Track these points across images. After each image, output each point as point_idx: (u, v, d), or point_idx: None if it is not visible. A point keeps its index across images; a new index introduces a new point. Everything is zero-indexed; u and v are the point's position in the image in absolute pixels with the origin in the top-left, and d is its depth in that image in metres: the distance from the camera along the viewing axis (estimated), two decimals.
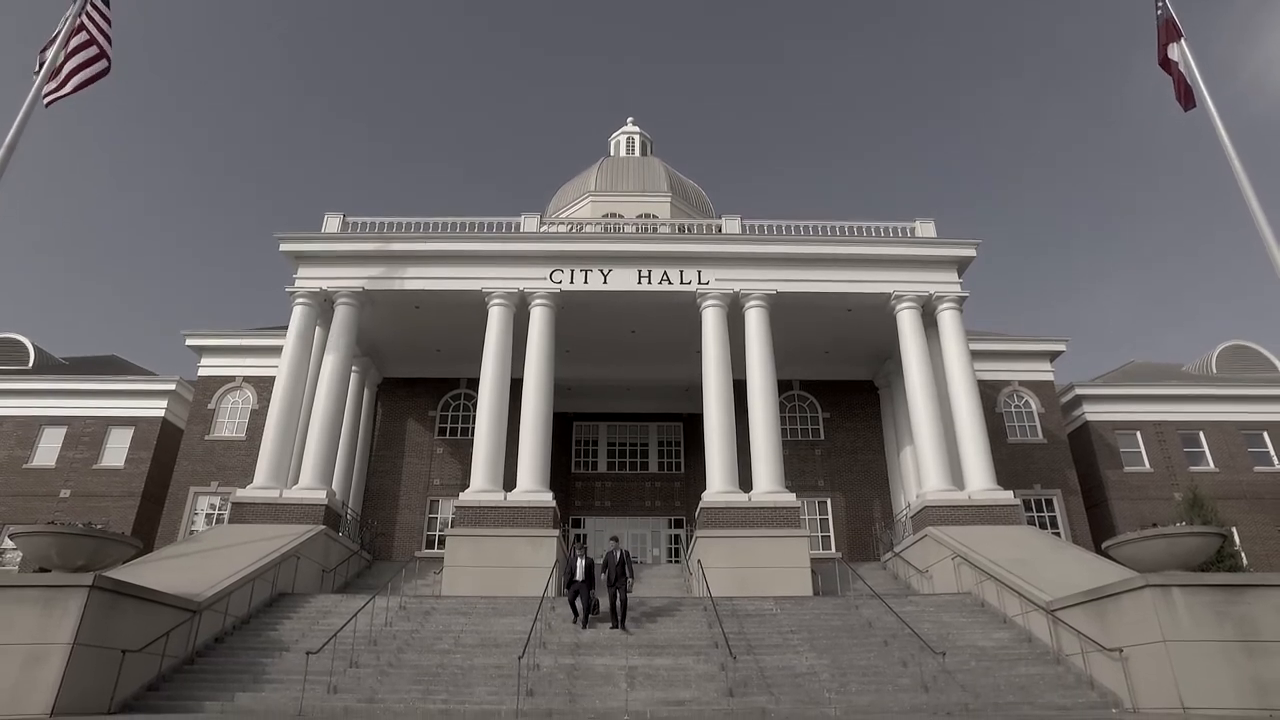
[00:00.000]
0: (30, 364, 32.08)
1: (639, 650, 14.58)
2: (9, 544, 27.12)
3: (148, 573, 15.47)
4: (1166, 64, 14.25)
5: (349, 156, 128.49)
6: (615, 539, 17.24)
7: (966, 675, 13.38)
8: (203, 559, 17.43)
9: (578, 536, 28.99)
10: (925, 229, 25.43)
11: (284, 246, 24.39)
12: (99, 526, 13.21)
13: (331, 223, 25.18)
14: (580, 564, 16.05)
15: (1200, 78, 13.54)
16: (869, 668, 13.83)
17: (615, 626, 15.62)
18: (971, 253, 24.65)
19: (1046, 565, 17.15)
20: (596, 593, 16.26)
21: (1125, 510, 29.15)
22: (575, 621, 15.82)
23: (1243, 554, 27.82)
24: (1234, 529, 28.44)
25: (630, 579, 16.04)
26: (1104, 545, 13.88)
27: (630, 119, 47.82)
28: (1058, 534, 27.52)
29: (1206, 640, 11.54)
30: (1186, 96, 13.81)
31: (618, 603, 15.81)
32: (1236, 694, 11.12)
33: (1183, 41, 13.97)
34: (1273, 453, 30.85)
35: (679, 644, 15.09)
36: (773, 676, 13.45)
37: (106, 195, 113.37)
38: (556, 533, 20.93)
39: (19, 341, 32.64)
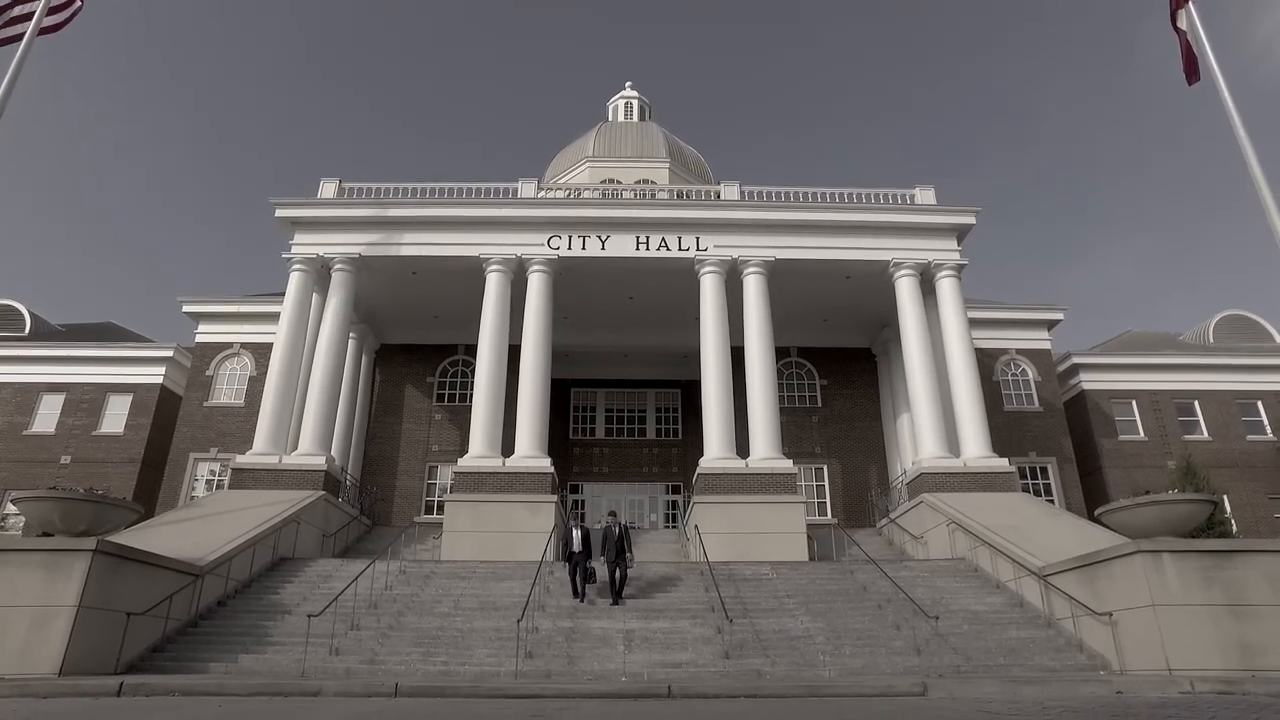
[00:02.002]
0: (27, 331, 32.05)
1: (636, 614, 14.78)
2: (11, 509, 27.32)
3: (150, 538, 15.60)
4: (1178, 29, 13.94)
5: (345, 123, 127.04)
6: (613, 513, 16.78)
7: (959, 638, 13.61)
8: (204, 524, 17.58)
9: (576, 502, 29.24)
10: (925, 196, 25.29)
11: (280, 212, 24.23)
12: (100, 492, 13.32)
13: (327, 188, 24.97)
14: (576, 534, 15.73)
15: (1208, 44, 13.27)
16: (863, 631, 14.05)
17: (615, 603, 15.23)
18: (971, 220, 24.54)
19: (1040, 531, 17.35)
20: (593, 564, 15.99)
21: (1119, 478, 29.42)
22: (576, 598, 15.39)
23: (1233, 521, 28.17)
24: (1225, 497, 28.75)
25: (630, 554, 15.61)
26: (1097, 512, 14.04)
27: (629, 83, 47.19)
28: (1052, 501, 27.77)
29: (1194, 604, 11.75)
30: (1191, 69, 13.52)
31: (616, 577, 15.43)
32: (1222, 656, 11.35)
33: (1191, 5, 13.70)
34: (1266, 422, 31.06)
35: (676, 608, 15.30)
36: (768, 639, 13.66)
37: (100, 161, 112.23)
38: (555, 498, 21.10)
39: (15, 308, 32.57)
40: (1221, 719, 5.98)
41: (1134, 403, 31.29)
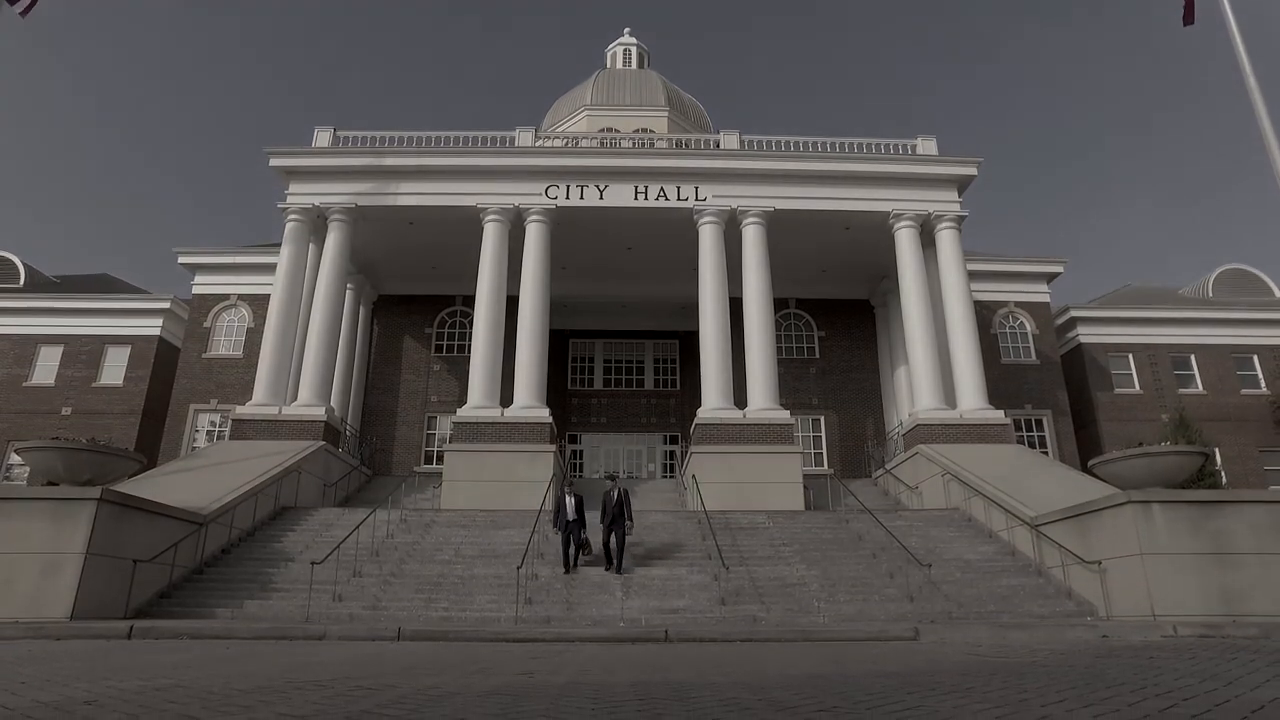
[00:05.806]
0: (22, 282, 31.86)
1: (634, 561, 15.02)
2: (15, 460, 27.54)
3: (153, 487, 15.78)
4: None
5: (340, 71, 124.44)
6: (612, 476, 16.20)
7: (951, 586, 13.88)
8: (206, 474, 17.76)
9: (574, 453, 29.49)
10: (926, 146, 24.95)
11: (274, 162, 23.91)
12: (103, 443, 13.44)
13: (322, 137, 24.59)
14: (570, 502, 14.80)
15: None
16: (857, 579, 14.32)
17: (610, 569, 14.48)
18: (973, 171, 24.28)
19: (1033, 482, 17.56)
20: (586, 534, 15.18)
21: (1113, 431, 29.64)
22: (568, 572, 14.50)
23: (1223, 473, 28.51)
24: (1217, 449, 29.02)
25: (629, 521, 14.70)
26: (1090, 464, 14.23)
27: (627, 30, 46.18)
28: (1047, 453, 28.03)
29: (1181, 553, 12.01)
30: (1189, 9, 13.10)
31: (613, 544, 14.62)
32: (1205, 602, 11.65)
33: None
34: (1260, 376, 31.19)
35: (673, 555, 15.57)
36: (764, 586, 13.93)
37: (90, 109, 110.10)
38: (553, 448, 21.26)
39: (10, 260, 32.31)
40: (1199, 659, 6.16)
41: (1130, 356, 31.36)
